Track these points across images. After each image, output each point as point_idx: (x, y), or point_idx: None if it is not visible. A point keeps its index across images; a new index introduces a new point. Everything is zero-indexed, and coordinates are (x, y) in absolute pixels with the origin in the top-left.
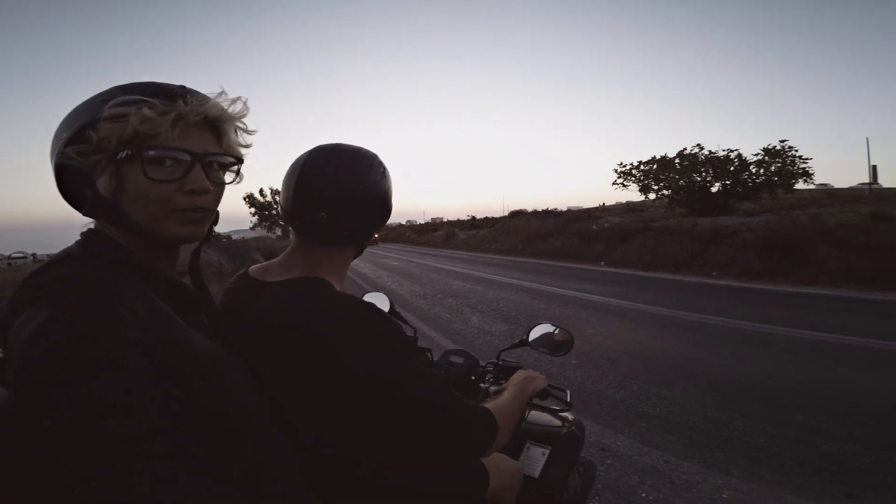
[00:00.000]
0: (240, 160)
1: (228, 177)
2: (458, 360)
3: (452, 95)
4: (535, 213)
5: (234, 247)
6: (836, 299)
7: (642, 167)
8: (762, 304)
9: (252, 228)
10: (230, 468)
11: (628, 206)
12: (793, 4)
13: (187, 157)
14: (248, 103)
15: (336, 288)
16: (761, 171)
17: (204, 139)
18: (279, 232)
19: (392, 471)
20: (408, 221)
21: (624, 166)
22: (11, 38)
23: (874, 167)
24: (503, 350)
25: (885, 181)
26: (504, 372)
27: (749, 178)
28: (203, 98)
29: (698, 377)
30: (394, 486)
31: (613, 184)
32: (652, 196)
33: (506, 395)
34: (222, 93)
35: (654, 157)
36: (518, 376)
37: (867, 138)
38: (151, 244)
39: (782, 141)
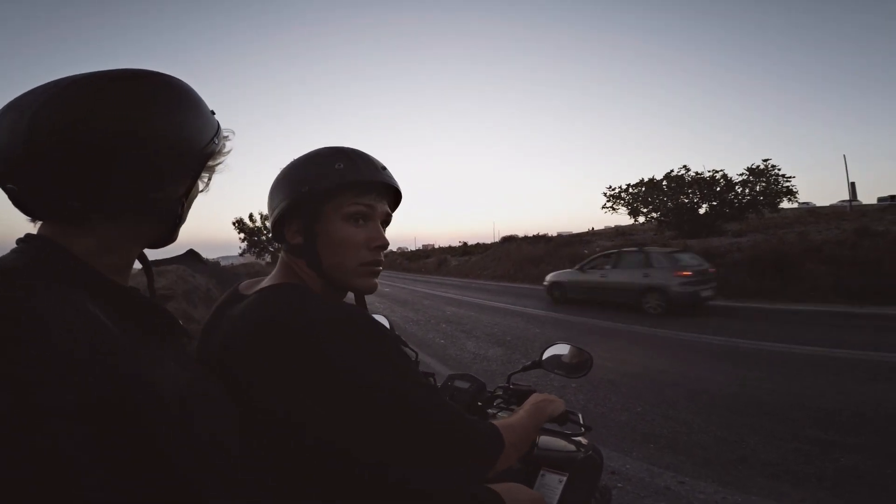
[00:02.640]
0: None
1: None
2: (464, 384)
3: (443, 123)
4: (526, 238)
5: (222, 272)
6: (831, 314)
7: (631, 190)
8: (756, 322)
9: (241, 254)
10: None
11: (617, 230)
12: (767, 29)
13: None
14: (241, 127)
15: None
16: (746, 190)
17: None
18: (269, 258)
19: (392, 470)
20: (399, 248)
21: (613, 190)
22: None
23: (853, 184)
24: (513, 373)
25: (863, 197)
26: (516, 396)
27: (735, 198)
28: None
29: (700, 395)
30: (394, 486)
31: (603, 207)
32: (641, 219)
33: (519, 413)
34: None
35: (642, 180)
36: (534, 398)
37: (844, 155)
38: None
39: (765, 160)
